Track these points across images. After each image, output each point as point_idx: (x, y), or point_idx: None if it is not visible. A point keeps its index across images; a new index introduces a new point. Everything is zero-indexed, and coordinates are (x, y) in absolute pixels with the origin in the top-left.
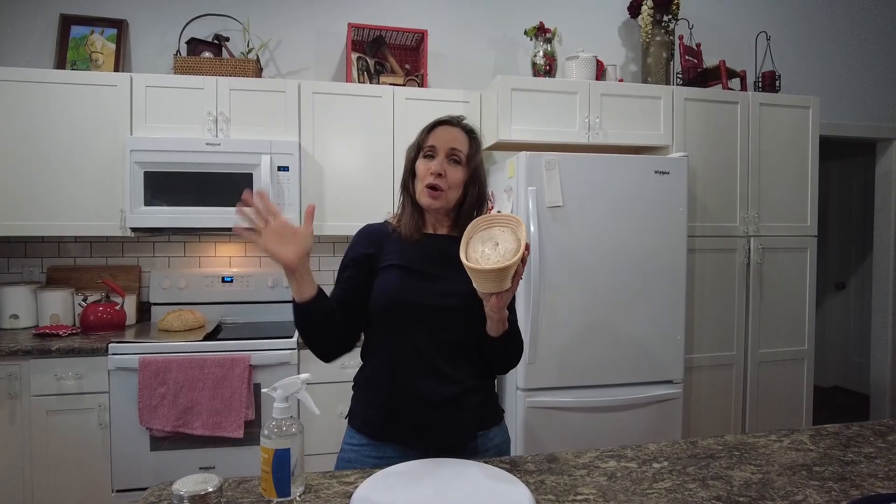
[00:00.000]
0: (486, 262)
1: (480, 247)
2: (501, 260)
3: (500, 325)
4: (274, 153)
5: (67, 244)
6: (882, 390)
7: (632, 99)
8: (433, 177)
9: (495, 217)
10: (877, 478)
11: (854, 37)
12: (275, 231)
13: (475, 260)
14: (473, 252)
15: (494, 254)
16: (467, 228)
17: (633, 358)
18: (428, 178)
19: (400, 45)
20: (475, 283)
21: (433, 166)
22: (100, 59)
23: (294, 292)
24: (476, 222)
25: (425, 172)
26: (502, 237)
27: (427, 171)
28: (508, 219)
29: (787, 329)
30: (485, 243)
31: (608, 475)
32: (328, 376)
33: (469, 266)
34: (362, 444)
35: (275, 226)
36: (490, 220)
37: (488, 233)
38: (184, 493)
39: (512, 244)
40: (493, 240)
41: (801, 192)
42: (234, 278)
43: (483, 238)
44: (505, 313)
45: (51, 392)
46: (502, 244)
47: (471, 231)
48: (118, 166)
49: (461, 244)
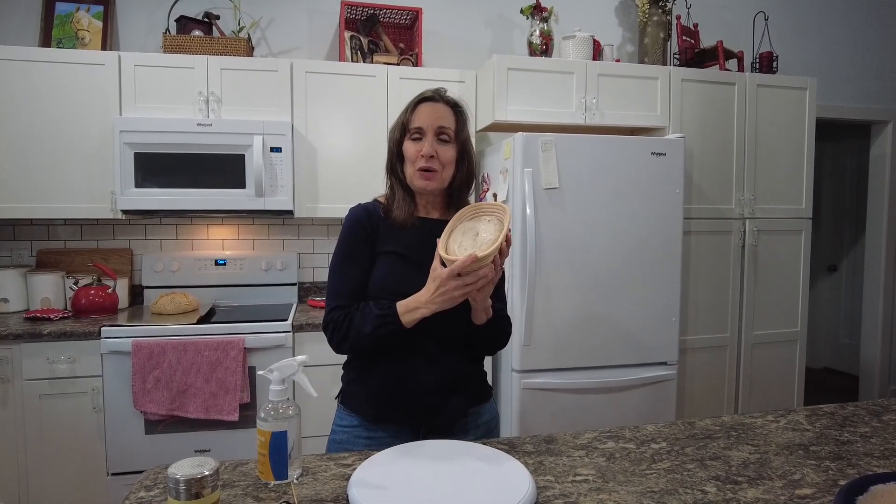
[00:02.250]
0: (463, 253)
1: (460, 237)
2: (478, 251)
3: (483, 314)
4: (266, 134)
5: (57, 227)
6: (871, 372)
7: (629, 79)
8: (425, 159)
9: (482, 206)
10: (873, 457)
11: (851, 18)
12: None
13: (453, 251)
14: (453, 242)
15: (472, 245)
16: (453, 218)
17: (627, 340)
18: (420, 160)
19: (394, 24)
20: None
21: (424, 148)
22: (86, 37)
23: (412, 321)
24: (463, 212)
25: (415, 155)
26: (485, 227)
27: (417, 153)
28: (495, 208)
29: (780, 311)
30: (465, 234)
31: (607, 456)
32: (324, 359)
33: (446, 258)
34: (353, 425)
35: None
36: (477, 209)
37: (472, 223)
38: (180, 476)
39: (492, 235)
40: (475, 230)
41: (796, 175)
42: (228, 261)
43: (465, 228)
44: (488, 303)
45: (43, 376)
46: (482, 234)
47: (456, 221)
48: (108, 147)
49: (443, 233)
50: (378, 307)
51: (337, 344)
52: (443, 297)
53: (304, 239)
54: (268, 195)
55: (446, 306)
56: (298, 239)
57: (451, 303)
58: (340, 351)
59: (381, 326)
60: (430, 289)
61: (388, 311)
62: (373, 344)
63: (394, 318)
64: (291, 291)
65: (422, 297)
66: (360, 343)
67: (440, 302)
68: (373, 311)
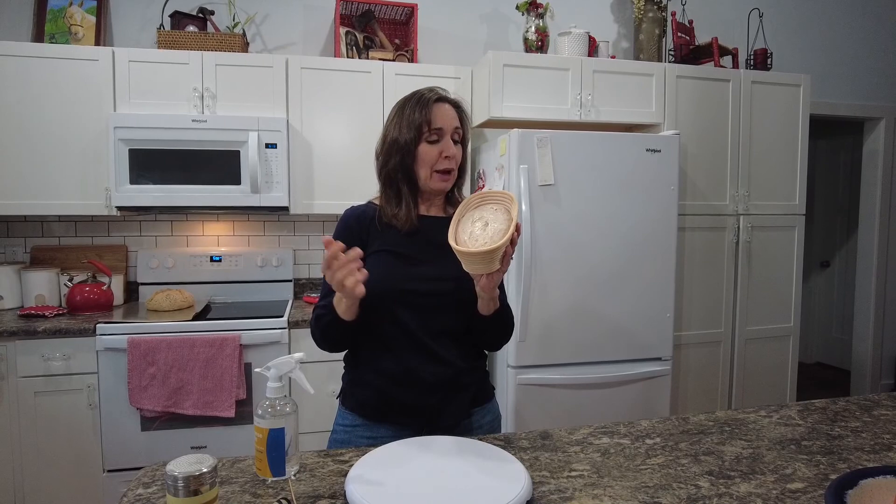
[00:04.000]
0: (475, 243)
1: (469, 227)
2: (489, 241)
3: (492, 304)
4: (261, 130)
5: (51, 223)
6: (863, 366)
7: (624, 76)
8: (448, 160)
9: (487, 194)
10: (863, 451)
11: (844, 16)
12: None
13: (463, 242)
14: (462, 233)
15: (483, 234)
16: (459, 207)
17: (622, 335)
18: (443, 162)
19: (389, 20)
20: (464, 264)
21: (448, 149)
22: (79, 32)
23: (344, 313)
24: (468, 200)
25: (436, 157)
26: (493, 216)
27: (439, 155)
28: (501, 196)
29: (773, 307)
30: (474, 223)
31: (602, 451)
32: (321, 355)
33: (457, 249)
34: (355, 424)
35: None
36: (482, 197)
37: (479, 211)
38: (178, 473)
39: (502, 224)
40: (483, 219)
41: (790, 171)
42: (223, 257)
43: (473, 217)
44: (496, 292)
45: (38, 373)
46: (492, 224)
47: (462, 210)
48: (102, 144)
49: (451, 224)
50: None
51: (316, 341)
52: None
53: (299, 235)
54: (263, 191)
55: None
56: (294, 235)
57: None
58: (322, 348)
59: (324, 316)
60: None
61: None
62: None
63: (332, 308)
64: (287, 288)
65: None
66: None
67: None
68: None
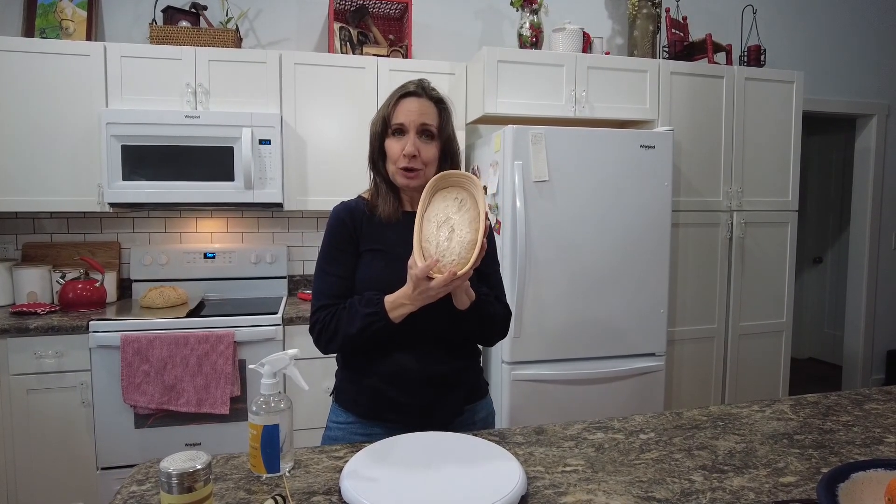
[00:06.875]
0: (443, 256)
1: (435, 232)
2: (457, 259)
3: (465, 297)
4: (255, 126)
5: (43, 220)
6: (855, 361)
7: (618, 72)
8: (407, 159)
9: (449, 175)
10: (854, 445)
11: (837, 13)
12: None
13: (429, 253)
14: (428, 237)
15: (449, 247)
16: (422, 195)
17: (616, 331)
18: (402, 160)
19: (383, 15)
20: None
21: (406, 147)
22: (70, 27)
23: (400, 316)
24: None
25: (398, 153)
26: (458, 217)
27: (400, 151)
28: (465, 179)
29: (766, 302)
30: (439, 228)
31: (596, 446)
32: (315, 352)
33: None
34: (349, 421)
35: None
36: (444, 178)
37: (442, 203)
38: (172, 470)
39: (467, 229)
40: (449, 222)
41: (783, 167)
42: (217, 254)
43: (438, 216)
44: (466, 284)
45: (31, 371)
46: (457, 229)
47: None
48: (94, 140)
49: (416, 221)
50: (364, 304)
51: (325, 344)
52: (423, 295)
53: (293, 232)
54: (257, 188)
55: (431, 300)
56: (288, 232)
57: (435, 298)
58: (328, 351)
59: (371, 324)
60: (409, 286)
61: (376, 308)
62: (361, 342)
63: (383, 315)
64: (281, 284)
65: (406, 293)
66: (348, 342)
67: (422, 299)
68: (360, 310)
